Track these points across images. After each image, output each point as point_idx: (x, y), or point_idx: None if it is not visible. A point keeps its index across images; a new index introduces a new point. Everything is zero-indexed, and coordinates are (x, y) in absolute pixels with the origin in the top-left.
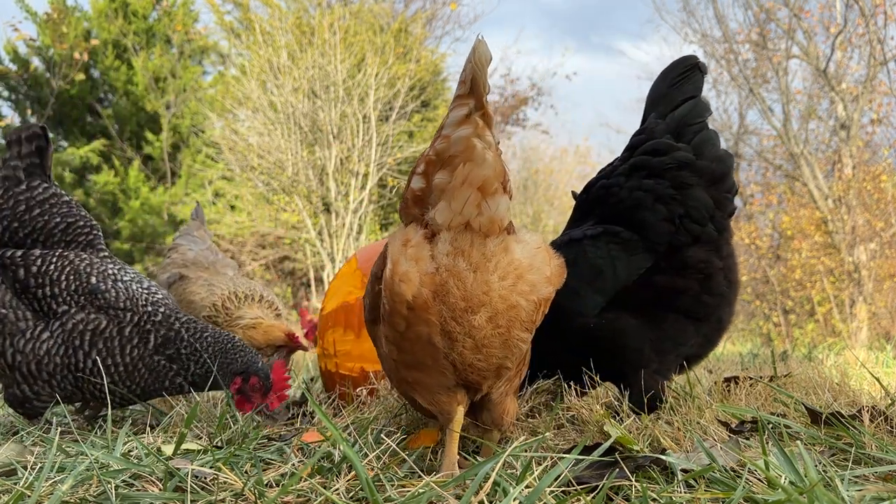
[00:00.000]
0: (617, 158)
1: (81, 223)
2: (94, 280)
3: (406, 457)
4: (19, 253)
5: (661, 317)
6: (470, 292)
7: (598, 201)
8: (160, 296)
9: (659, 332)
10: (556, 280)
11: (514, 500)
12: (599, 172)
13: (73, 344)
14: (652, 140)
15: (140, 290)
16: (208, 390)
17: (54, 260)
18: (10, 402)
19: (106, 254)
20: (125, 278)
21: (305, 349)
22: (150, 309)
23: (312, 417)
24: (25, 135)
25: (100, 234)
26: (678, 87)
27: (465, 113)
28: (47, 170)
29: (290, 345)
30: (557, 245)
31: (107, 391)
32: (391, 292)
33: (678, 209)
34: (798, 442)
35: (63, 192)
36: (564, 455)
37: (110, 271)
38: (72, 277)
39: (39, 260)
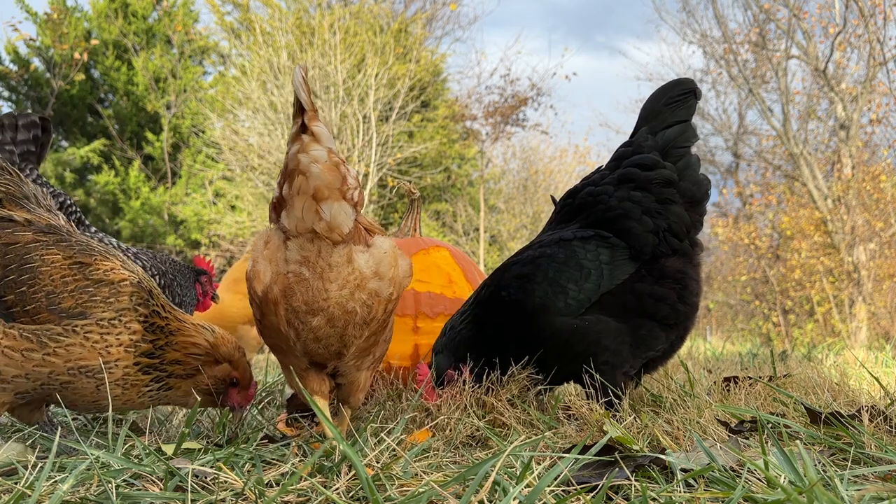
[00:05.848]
0: (602, 167)
1: None
2: None
3: (406, 456)
4: None
5: (639, 322)
6: (310, 298)
7: (584, 207)
8: None
9: (634, 336)
10: (401, 280)
11: (514, 499)
12: (584, 180)
13: None
14: (640, 154)
15: None
16: None
17: None
18: None
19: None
20: None
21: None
22: None
23: (312, 417)
24: (22, 122)
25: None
26: (672, 109)
27: (294, 132)
28: (41, 158)
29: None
30: (545, 243)
31: None
32: (249, 285)
33: (662, 223)
34: (797, 442)
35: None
36: (564, 454)
37: None
38: None
39: None
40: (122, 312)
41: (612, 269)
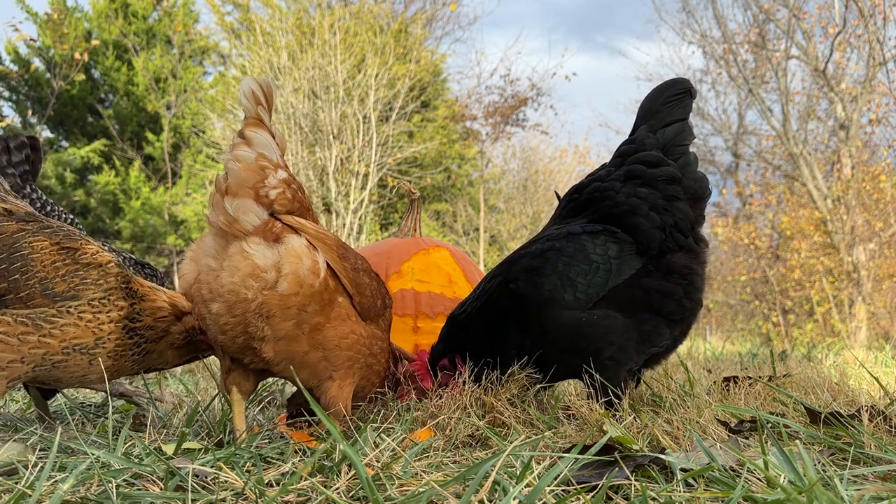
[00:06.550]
0: (607, 164)
1: None
2: None
3: (406, 456)
4: None
5: (645, 317)
6: (212, 286)
7: (590, 202)
8: None
9: (640, 332)
10: (303, 277)
11: (514, 499)
12: (589, 176)
13: None
14: (643, 151)
15: None
16: None
17: None
18: None
19: None
20: None
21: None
22: None
23: (312, 416)
24: (13, 144)
25: None
26: (670, 108)
27: (234, 136)
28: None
29: None
30: (553, 237)
31: None
32: None
33: (669, 219)
34: (797, 441)
35: None
36: (564, 454)
37: None
38: None
39: None
40: (111, 291)
41: (620, 264)
